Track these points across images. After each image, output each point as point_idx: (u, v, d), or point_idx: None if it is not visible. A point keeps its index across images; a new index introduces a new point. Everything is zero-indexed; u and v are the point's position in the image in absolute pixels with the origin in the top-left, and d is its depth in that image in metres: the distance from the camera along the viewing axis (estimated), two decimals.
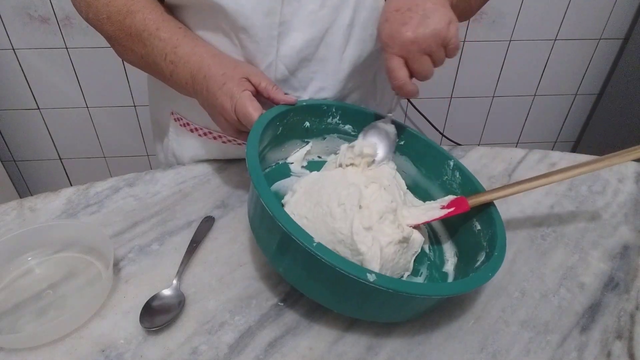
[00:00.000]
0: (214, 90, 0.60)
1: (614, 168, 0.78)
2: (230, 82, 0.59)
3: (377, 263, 0.50)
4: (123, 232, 0.63)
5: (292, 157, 0.69)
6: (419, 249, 0.58)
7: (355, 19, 0.63)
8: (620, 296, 0.57)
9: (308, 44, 0.63)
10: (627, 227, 0.67)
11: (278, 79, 0.65)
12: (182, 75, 0.62)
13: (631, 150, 0.56)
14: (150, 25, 0.62)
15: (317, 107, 0.66)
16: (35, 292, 0.55)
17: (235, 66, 0.61)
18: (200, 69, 0.61)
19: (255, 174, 0.49)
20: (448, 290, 0.47)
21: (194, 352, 0.49)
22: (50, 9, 1.38)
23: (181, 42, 0.62)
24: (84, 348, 0.49)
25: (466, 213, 0.58)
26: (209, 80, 0.60)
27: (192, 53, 0.61)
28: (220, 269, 0.58)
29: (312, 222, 0.54)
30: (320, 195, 0.55)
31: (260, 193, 0.47)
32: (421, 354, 0.50)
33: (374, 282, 0.43)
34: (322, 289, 0.49)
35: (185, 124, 0.75)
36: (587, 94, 1.79)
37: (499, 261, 0.50)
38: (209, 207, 0.67)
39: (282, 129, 0.63)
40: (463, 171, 0.63)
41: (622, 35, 1.64)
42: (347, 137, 0.69)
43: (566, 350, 0.51)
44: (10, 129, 1.63)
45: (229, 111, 0.59)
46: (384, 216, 0.54)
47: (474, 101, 1.75)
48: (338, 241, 0.53)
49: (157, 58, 0.63)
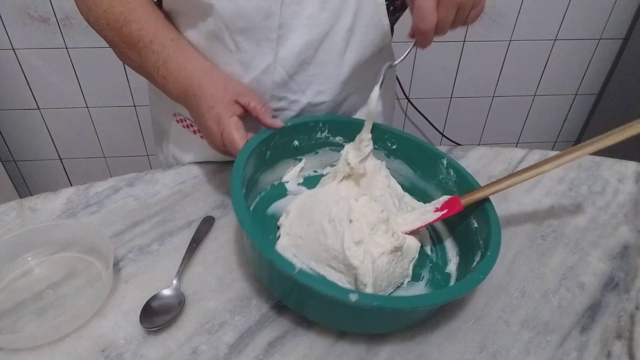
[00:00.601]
0: (203, 111, 0.60)
1: (614, 167, 0.78)
2: (219, 106, 0.60)
3: (369, 276, 0.51)
4: (123, 232, 0.63)
5: (286, 176, 0.69)
6: (416, 254, 0.58)
7: (356, 24, 0.62)
8: (620, 296, 0.57)
9: (307, 47, 0.62)
10: (627, 227, 0.67)
11: (276, 82, 0.65)
12: (173, 89, 0.63)
13: (627, 127, 0.55)
14: (145, 36, 0.61)
15: (303, 125, 0.66)
16: (35, 292, 0.55)
17: (225, 85, 0.61)
18: (190, 86, 0.61)
19: (239, 208, 0.50)
20: (433, 300, 0.46)
21: (194, 352, 0.49)
22: (50, 9, 1.38)
23: (172, 56, 0.62)
24: (84, 348, 0.49)
25: (464, 210, 0.58)
26: (199, 99, 0.61)
27: (182, 69, 0.62)
28: (220, 269, 0.58)
29: (307, 241, 0.56)
30: (312, 214, 0.56)
31: (244, 228, 0.48)
32: (421, 354, 0.50)
33: (356, 302, 0.43)
34: (317, 311, 0.51)
35: (189, 125, 0.75)
36: (587, 94, 1.79)
37: (491, 262, 0.50)
38: (209, 207, 0.67)
39: (270, 153, 0.64)
40: (457, 169, 0.63)
41: (622, 35, 1.64)
42: (339, 148, 0.69)
43: (566, 350, 0.51)
44: (10, 129, 1.63)
45: (216, 135, 0.60)
46: (375, 227, 0.55)
47: (474, 101, 1.75)
48: (332, 257, 0.54)
49: (150, 69, 0.63)
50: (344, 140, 0.68)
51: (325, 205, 0.56)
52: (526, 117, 1.84)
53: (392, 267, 0.54)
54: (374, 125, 0.66)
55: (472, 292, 0.56)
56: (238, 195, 0.51)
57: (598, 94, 1.79)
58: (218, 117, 0.60)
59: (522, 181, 0.58)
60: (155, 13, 0.63)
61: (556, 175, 0.76)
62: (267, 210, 0.64)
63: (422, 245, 0.62)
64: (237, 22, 0.60)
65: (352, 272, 0.52)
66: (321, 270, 0.55)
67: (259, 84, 0.65)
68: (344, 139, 0.68)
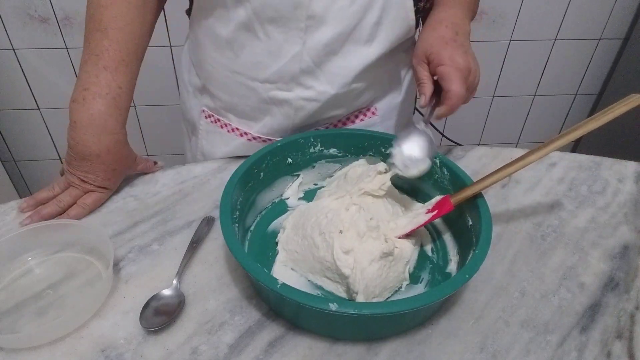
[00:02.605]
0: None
1: (614, 167, 0.78)
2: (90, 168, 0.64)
3: (360, 283, 0.52)
4: (123, 232, 0.63)
5: (286, 192, 0.70)
6: (410, 257, 0.58)
7: (383, 18, 0.64)
8: (620, 296, 0.57)
9: (335, 39, 0.64)
10: (627, 227, 0.67)
11: (304, 70, 0.67)
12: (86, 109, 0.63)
13: (623, 104, 0.56)
14: (103, 52, 0.63)
15: (293, 143, 0.67)
16: (35, 292, 0.55)
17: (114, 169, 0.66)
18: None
19: (227, 231, 0.52)
20: (413, 304, 0.45)
21: (194, 352, 0.49)
22: (50, 9, 1.38)
23: (93, 96, 0.63)
24: (84, 348, 0.49)
25: (460, 208, 0.59)
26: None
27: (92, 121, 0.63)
28: (220, 269, 0.58)
29: (302, 255, 0.57)
30: (305, 228, 0.58)
31: (228, 244, 0.51)
32: (421, 353, 0.50)
33: (336, 310, 0.44)
34: (308, 321, 0.52)
35: (216, 120, 0.77)
36: (587, 94, 1.79)
37: (478, 260, 0.49)
38: (209, 207, 0.67)
39: (264, 174, 0.65)
40: (450, 167, 0.63)
41: (622, 35, 1.64)
42: (336, 160, 0.70)
43: (566, 350, 0.51)
44: (10, 129, 1.63)
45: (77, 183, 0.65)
46: (365, 235, 0.55)
47: (474, 101, 1.73)
48: (326, 268, 0.55)
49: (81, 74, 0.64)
50: (338, 151, 0.70)
51: (315, 218, 0.58)
52: (526, 117, 1.84)
53: (384, 273, 0.54)
54: (367, 132, 0.69)
55: (472, 292, 0.56)
56: (226, 215, 0.54)
57: (598, 94, 1.79)
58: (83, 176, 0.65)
59: (511, 174, 0.58)
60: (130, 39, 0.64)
61: (556, 175, 0.77)
62: (267, 228, 0.65)
63: (423, 246, 0.62)
64: (267, 11, 0.61)
65: (345, 281, 0.53)
66: (318, 281, 0.56)
67: (286, 72, 0.67)
68: (338, 151, 0.69)
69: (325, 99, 0.70)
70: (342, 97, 0.71)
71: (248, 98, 0.72)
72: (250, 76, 0.69)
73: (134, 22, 0.64)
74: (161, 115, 1.64)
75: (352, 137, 0.69)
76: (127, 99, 0.65)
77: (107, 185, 0.66)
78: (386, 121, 0.79)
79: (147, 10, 0.66)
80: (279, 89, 0.69)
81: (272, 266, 0.58)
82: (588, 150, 0.89)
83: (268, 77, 0.68)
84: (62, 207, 0.64)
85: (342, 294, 0.55)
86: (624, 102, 0.55)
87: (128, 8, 0.63)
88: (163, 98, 1.60)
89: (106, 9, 0.62)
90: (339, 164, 0.70)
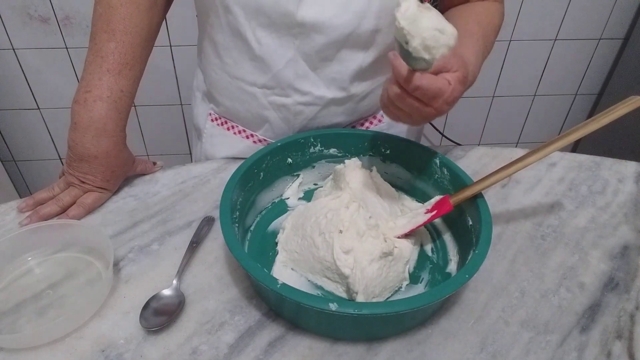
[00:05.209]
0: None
1: (614, 167, 0.78)
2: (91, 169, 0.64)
3: (360, 283, 0.52)
4: (123, 232, 0.63)
5: (286, 192, 0.70)
6: (410, 257, 0.58)
7: (380, 25, 0.63)
8: (620, 296, 0.57)
9: (328, 46, 0.64)
10: (627, 227, 0.67)
11: (299, 75, 0.67)
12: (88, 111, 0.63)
13: (622, 105, 0.55)
14: (109, 55, 0.63)
15: (293, 143, 0.67)
16: (35, 292, 0.55)
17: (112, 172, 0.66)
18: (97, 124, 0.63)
19: (227, 231, 0.52)
20: (413, 304, 0.45)
21: (194, 352, 0.49)
22: (50, 8, 1.38)
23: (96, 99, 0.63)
24: (84, 348, 0.49)
25: (460, 208, 0.59)
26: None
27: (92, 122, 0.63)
28: (220, 269, 0.58)
29: (302, 255, 0.57)
30: (304, 229, 0.58)
31: (228, 245, 0.51)
32: (421, 353, 0.50)
33: (336, 310, 0.44)
34: (307, 322, 0.52)
35: (224, 122, 0.78)
36: (587, 94, 1.79)
37: (478, 260, 0.49)
38: (209, 207, 0.67)
39: (264, 174, 0.65)
40: (450, 167, 0.63)
41: (622, 35, 1.64)
42: (336, 160, 0.69)
43: (566, 350, 0.51)
44: (10, 129, 1.63)
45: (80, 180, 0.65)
46: (365, 234, 0.55)
47: (474, 101, 1.75)
48: (326, 268, 0.55)
49: (85, 74, 0.65)
50: (338, 151, 0.69)
51: (315, 218, 0.58)
52: (526, 117, 1.84)
53: (384, 273, 0.54)
54: (367, 132, 0.69)
55: (472, 292, 0.56)
56: (226, 216, 0.54)
57: (598, 94, 1.79)
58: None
59: (511, 174, 0.58)
60: (133, 39, 0.65)
61: (556, 175, 0.77)
62: (267, 228, 0.65)
63: (423, 246, 0.62)
64: (258, 17, 0.62)
65: (346, 281, 0.53)
66: (318, 281, 0.56)
67: (282, 77, 0.67)
68: (338, 151, 0.69)
69: (323, 103, 0.70)
70: (342, 102, 0.70)
71: (248, 103, 0.72)
72: (249, 82, 0.69)
73: (141, 26, 0.64)
74: (161, 115, 1.64)
75: (352, 137, 0.69)
76: (128, 103, 0.66)
77: (106, 186, 0.66)
78: (393, 127, 0.78)
79: (154, 13, 0.66)
80: (276, 95, 0.69)
81: (272, 266, 0.58)
82: (588, 150, 0.89)
83: (266, 82, 0.68)
84: (62, 207, 0.64)
85: (342, 294, 0.55)
86: (624, 104, 0.56)
87: (137, 11, 0.63)
88: (163, 98, 1.60)
89: (116, 9, 0.62)
90: (339, 164, 0.70)
